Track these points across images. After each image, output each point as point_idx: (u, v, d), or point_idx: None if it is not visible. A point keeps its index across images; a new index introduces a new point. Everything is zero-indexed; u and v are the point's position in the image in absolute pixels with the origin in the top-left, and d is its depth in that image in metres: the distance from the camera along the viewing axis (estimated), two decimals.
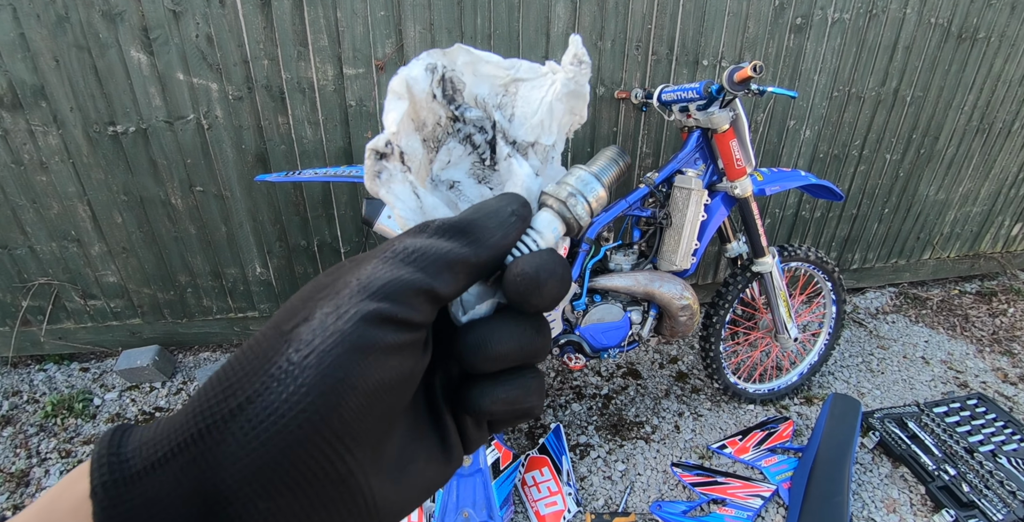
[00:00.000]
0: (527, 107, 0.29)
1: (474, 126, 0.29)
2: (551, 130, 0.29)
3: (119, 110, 1.77)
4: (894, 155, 2.62)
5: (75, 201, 1.89)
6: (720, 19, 2.05)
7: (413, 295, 0.21)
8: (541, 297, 0.24)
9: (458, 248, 0.23)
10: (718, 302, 1.91)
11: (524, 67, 0.29)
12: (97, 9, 1.62)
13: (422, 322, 0.22)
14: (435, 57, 0.28)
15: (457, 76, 0.28)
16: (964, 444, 1.87)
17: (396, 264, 0.22)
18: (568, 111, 0.30)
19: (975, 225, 3.10)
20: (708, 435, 1.99)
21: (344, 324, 0.20)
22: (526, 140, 0.29)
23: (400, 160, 0.27)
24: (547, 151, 0.29)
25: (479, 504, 1.49)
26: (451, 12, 1.80)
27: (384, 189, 0.27)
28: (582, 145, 2.13)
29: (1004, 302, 3.05)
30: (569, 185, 0.26)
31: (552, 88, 0.29)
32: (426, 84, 0.27)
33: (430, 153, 0.29)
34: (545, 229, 0.26)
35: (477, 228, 0.24)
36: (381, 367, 0.20)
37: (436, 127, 0.29)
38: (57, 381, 2.14)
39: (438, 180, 0.29)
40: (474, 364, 0.25)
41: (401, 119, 0.27)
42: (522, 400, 0.26)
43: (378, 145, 0.26)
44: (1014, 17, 2.43)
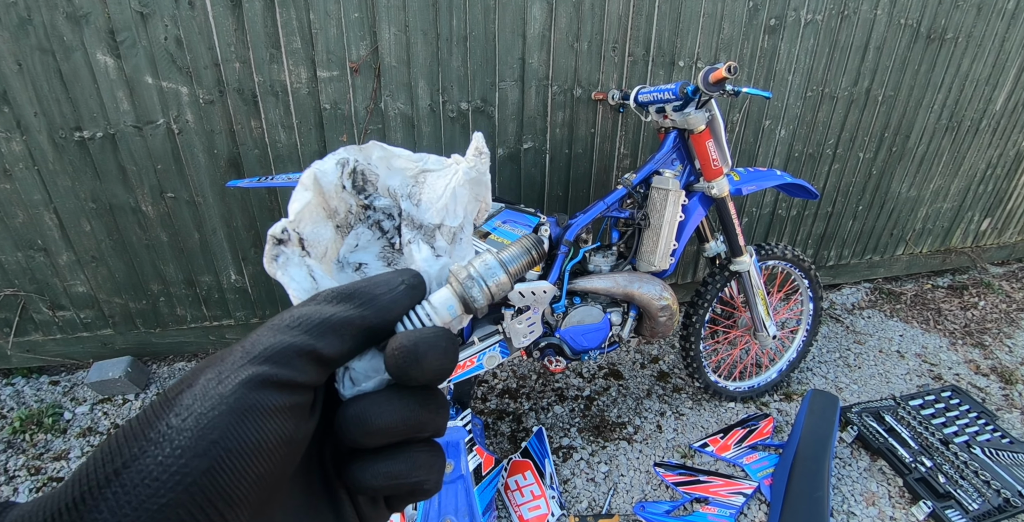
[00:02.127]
0: (433, 193, 0.31)
1: (383, 213, 0.32)
2: (456, 213, 0.31)
3: (86, 115, 1.72)
4: (867, 153, 2.67)
5: (41, 209, 1.83)
6: (695, 20, 2.06)
7: (295, 356, 0.22)
8: (421, 370, 0.24)
9: (343, 311, 0.24)
10: (697, 301, 1.92)
11: (432, 159, 0.32)
12: (61, 11, 1.57)
13: (305, 383, 0.22)
14: (350, 152, 0.31)
15: (370, 169, 0.31)
16: (939, 436, 1.91)
17: (280, 330, 0.23)
18: (472, 197, 0.32)
19: (946, 221, 3.18)
20: (690, 434, 2.00)
21: (223, 388, 0.20)
22: (432, 222, 0.31)
23: (299, 245, 0.29)
24: (453, 232, 0.31)
25: (461, 511, 1.48)
26: (426, 14, 1.79)
27: (280, 271, 0.28)
28: (560, 147, 2.13)
29: (975, 295, 3.12)
30: (473, 268, 0.28)
31: (456, 176, 0.31)
32: (334, 177, 0.31)
33: (342, 238, 0.32)
34: (440, 305, 0.27)
35: (364, 293, 0.25)
36: (260, 429, 0.20)
37: (348, 214, 0.31)
38: (25, 395, 2.08)
39: (345, 261, 0.31)
40: (353, 438, 0.24)
41: (302, 209, 0.29)
42: (406, 475, 0.25)
43: (275, 232, 0.28)
44: (980, 18, 2.49)
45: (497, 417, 2.05)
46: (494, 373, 2.30)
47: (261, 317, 2.21)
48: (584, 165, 2.21)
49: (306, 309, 0.24)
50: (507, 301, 1.60)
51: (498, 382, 2.25)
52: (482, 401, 2.13)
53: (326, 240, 0.30)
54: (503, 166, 2.10)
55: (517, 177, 2.14)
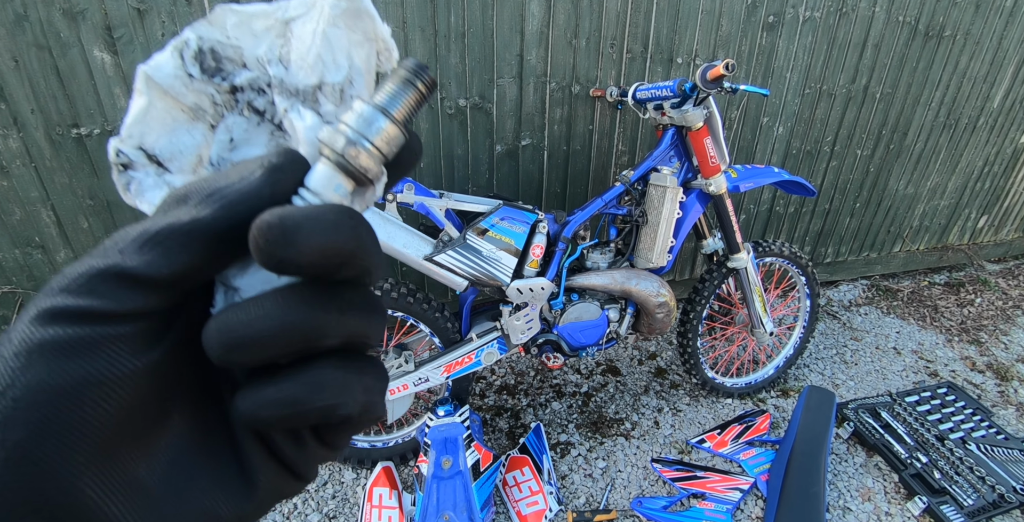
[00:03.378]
0: (302, 46, 0.24)
1: (252, 90, 0.25)
2: (337, 63, 0.24)
3: (83, 112, 1.71)
4: (864, 151, 2.67)
5: (38, 206, 1.83)
6: (694, 17, 2.06)
7: (99, 282, 0.18)
8: (296, 249, 0.18)
9: (171, 217, 0.19)
10: (695, 298, 1.93)
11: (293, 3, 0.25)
12: (58, 7, 1.57)
13: (119, 311, 0.18)
14: (194, 30, 0.24)
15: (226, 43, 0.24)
16: (935, 432, 1.92)
17: (91, 254, 0.19)
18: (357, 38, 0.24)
19: (943, 218, 3.19)
20: (687, 430, 2.01)
21: (11, 332, 0.17)
22: (308, 83, 0.24)
23: (153, 163, 0.24)
24: (339, 89, 0.24)
25: (459, 506, 1.49)
26: (424, 10, 1.78)
27: (138, 199, 0.24)
28: (558, 144, 2.13)
29: (971, 292, 3.13)
30: (346, 127, 0.21)
31: (321, 15, 0.24)
32: (172, 67, 0.24)
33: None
34: (323, 188, 0.21)
35: (202, 190, 0.20)
36: (62, 369, 0.17)
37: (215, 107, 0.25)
38: None
39: (223, 163, 0.25)
40: (219, 356, 0.19)
41: (135, 120, 0.23)
42: (306, 399, 0.19)
43: (111, 157, 0.24)
44: (978, 16, 2.49)
45: (495, 413, 2.05)
46: (492, 369, 2.31)
47: None
48: (582, 162, 2.21)
49: (131, 226, 0.19)
50: (506, 298, 1.61)
51: (496, 378, 2.25)
52: (480, 397, 2.14)
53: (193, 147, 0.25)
54: (501, 162, 2.10)
55: (515, 174, 2.14)
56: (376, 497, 1.62)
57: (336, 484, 1.73)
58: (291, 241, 0.18)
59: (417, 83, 0.23)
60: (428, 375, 1.63)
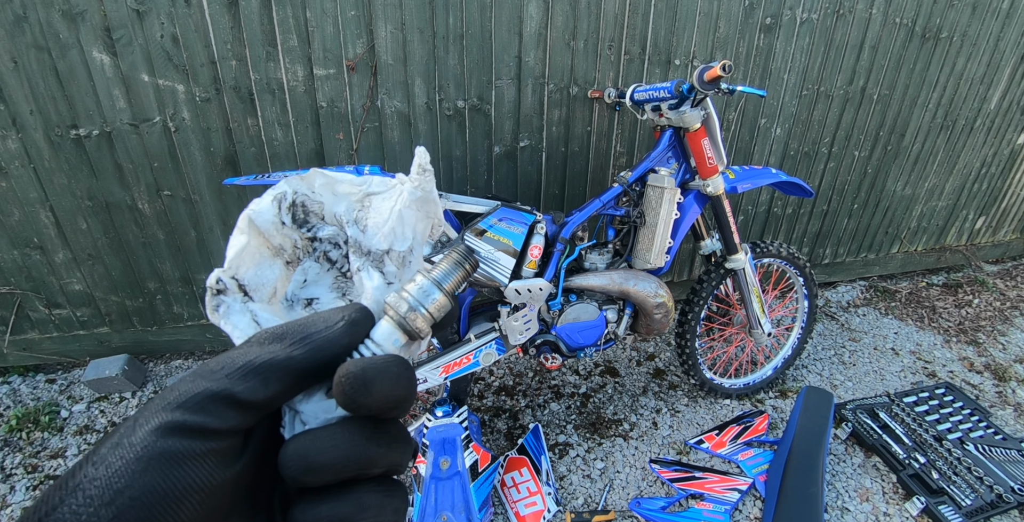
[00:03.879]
0: (379, 217, 0.30)
1: (330, 243, 0.31)
2: (404, 236, 0.30)
3: (82, 113, 1.72)
4: (862, 152, 2.68)
5: (37, 207, 1.83)
6: (691, 19, 2.07)
7: (210, 402, 0.21)
8: (371, 397, 0.23)
9: (269, 352, 0.23)
10: (693, 299, 1.93)
11: (375, 181, 0.31)
12: (57, 9, 1.57)
13: (221, 428, 0.22)
14: (290, 184, 0.30)
15: (312, 198, 0.30)
16: (933, 432, 1.92)
17: (200, 376, 0.22)
18: (421, 216, 0.31)
19: (941, 219, 3.19)
20: (685, 431, 2.01)
21: (134, 437, 0.20)
22: (380, 248, 0.30)
23: (241, 292, 0.29)
24: (402, 257, 0.30)
25: (458, 507, 1.49)
26: (423, 12, 1.79)
27: (223, 321, 0.28)
28: (556, 145, 2.13)
29: (969, 293, 3.14)
30: (408, 295, 0.27)
31: (400, 197, 0.30)
32: (271, 215, 0.29)
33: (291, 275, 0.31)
34: (384, 341, 0.26)
35: (296, 332, 0.24)
36: (168, 476, 0.20)
37: (295, 250, 0.31)
38: (22, 394, 2.08)
39: (295, 299, 0.31)
40: (294, 477, 0.23)
41: (236, 255, 0.28)
42: (352, 517, 0.24)
43: (211, 283, 0.28)
44: (975, 17, 2.50)
45: (494, 414, 2.05)
46: (490, 370, 2.31)
47: None
48: (580, 163, 2.21)
49: (232, 353, 0.23)
50: (504, 298, 1.61)
51: (495, 379, 2.25)
52: (479, 398, 2.14)
53: (272, 281, 0.30)
54: (499, 164, 2.11)
55: (513, 175, 2.14)
56: None
57: None
58: (369, 390, 0.23)
59: (465, 264, 0.29)
60: (426, 376, 1.63)
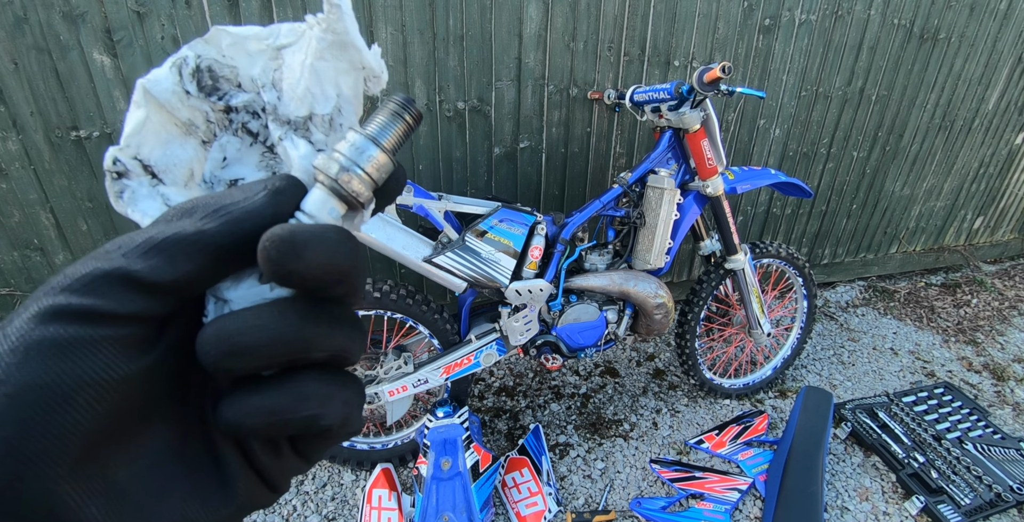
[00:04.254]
0: (292, 76, 0.25)
1: (247, 112, 0.26)
2: (326, 95, 0.25)
3: (82, 114, 1.72)
4: (861, 152, 2.69)
5: (37, 208, 1.83)
6: (690, 20, 2.08)
7: (102, 283, 0.18)
8: (302, 262, 0.19)
9: (175, 228, 0.20)
10: (692, 299, 1.94)
11: (284, 30, 0.25)
12: (57, 10, 1.57)
13: (119, 312, 0.18)
14: (192, 48, 0.25)
15: (222, 62, 0.25)
16: (932, 432, 1.93)
17: (95, 257, 0.19)
18: (343, 67, 0.25)
19: (939, 219, 3.20)
20: (685, 431, 2.02)
21: (10, 327, 0.17)
22: (299, 115, 0.25)
23: (148, 173, 0.25)
24: (328, 119, 0.25)
25: (459, 507, 1.49)
26: (423, 13, 1.79)
27: (130, 208, 0.24)
28: (556, 146, 2.14)
29: (968, 293, 3.15)
30: (340, 155, 0.23)
31: (308, 48, 0.24)
32: (171, 83, 0.25)
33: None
34: (317, 210, 0.22)
35: (209, 205, 0.21)
36: (57, 368, 0.17)
37: (209, 124, 0.26)
38: None
39: (216, 180, 0.26)
40: (213, 362, 0.20)
41: (133, 131, 0.24)
42: (291, 409, 0.20)
43: (108, 165, 0.24)
44: (973, 18, 2.51)
45: (494, 415, 2.06)
46: (491, 371, 2.31)
47: None
48: (580, 164, 2.22)
49: (133, 233, 0.20)
50: (504, 299, 1.62)
51: (495, 380, 2.26)
52: (479, 399, 2.14)
53: (185, 161, 0.25)
54: (499, 165, 2.11)
55: (513, 176, 2.15)
56: (375, 499, 1.62)
57: (335, 486, 1.73)
58: (299, 255, 0.19)
59: (405, 115, 0.25)
60: (427, 376, 1.64)
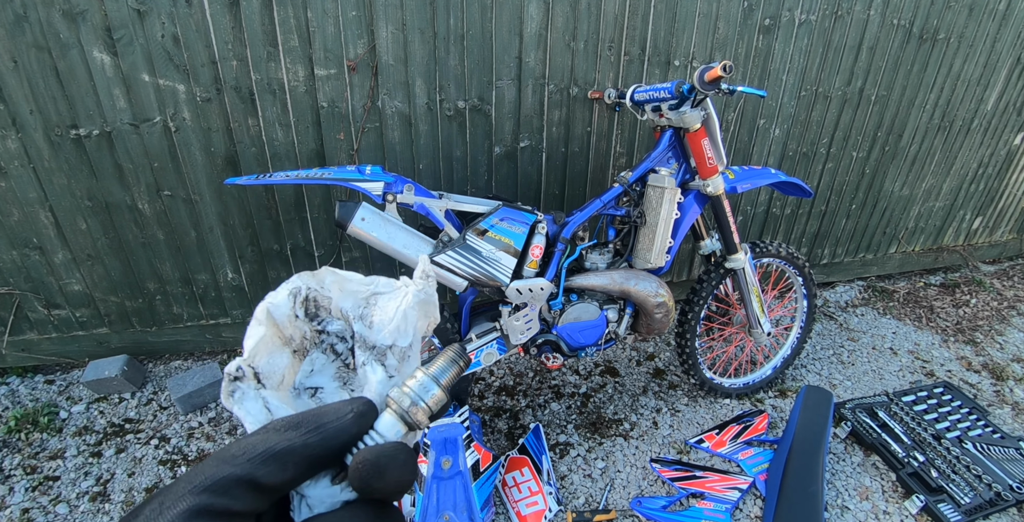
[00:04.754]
0: (384, 315, 0.33)
1: (336, 336, 0.34)
2: (406, 333, 0.33)
3: (82, 113, 1.72)
4: (860, 152, 2.69)
5: (36, 207, 1.83)
6: (691, 20, 2.08)
7: (234, 486, 0.23)
8: (384, 482, 0.25)
9: (287, 439, 0.25)
10: (693, 299, 1.94)
11: (381, 282, 0.34)
12: (57, 8, 1.57)
13: (242, 510, 0.23)
14: (303, 280, 0.33)
15: (322, 294, 0.34)
16: (932, 431, 1.93)
17: (223, 460, 0.24)
18: (422, 315, 0.34)
19: (938, 219, 3.21)
20: (686, 430, 2.02)
21: (163, 518, 0.22)
22: (384, 344, 0.33)
23: (255, 379, 0.31)
24: (404, 352, 0.33)
25: (460, 507, 1.49)
26: (424, 12, 1.79)
27: (237, 406, 0.30)
28: (556, 146, 2.14)
29: (967, 293, 3.15)
30: (410, 391, 0.30)
31: (405, 299, 0.33)
32: (287, 308, 0.32)
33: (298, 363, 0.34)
34: (387, 431, 0.28)
35: (311, 421, 0.26)
36: None
37: (303, 340, 0.34)
38: (21, 394, 2.07)
39: (301, 387, 0.33)
40: None
41: (257, 345, 0.31)
42: None
43: (231, 370, 0.30)
44: (972, 19, 2.52)
45: (495, 414, 2.06)
46: (491, 370, 2.31)
47: None
48: (580, 163, 2.22)
49: (252, 439, 0.25)
50: (505, 298, 1.61)
51: (495, 379, 2.25)
52: (479, 398, 2.14)
53: (282, 368, 0.32)
54: (500, 164, 2.11)
55: (514, 175, 2.15)
56: None
57: None
58: (381, 476, 0.25)
59: (460, 362, 0.32)
60: None
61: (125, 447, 1.86)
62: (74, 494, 1.69)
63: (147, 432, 1.93)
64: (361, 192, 1.44)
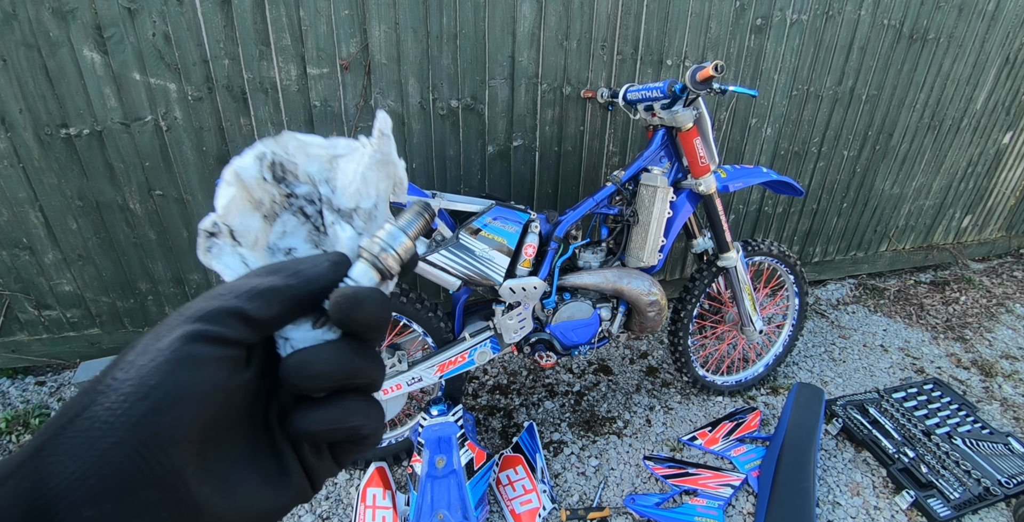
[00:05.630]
0: (346, 178, 0.34)
1: (305, 199, 0.35)
2: (368, 195, 0.34)
3: (72, 112, 1.70)
4: (851, 151, 2.71)
5: (26, 207, 1.81)
6: (683, 20, 2.09)
7: (225, 316, 0.24)
8: (362, 313, 0.27)
9: (268, 281, 0.27)
10: (685, 297, 1.95)
11: (341, 144, 0.35)
12: (47, 6, 1.56)
13: (235, 338, 0.25)
14: (267, 145, 0.33)
15: (288, 159, 0.34)
16: (922, 427, 1.95)
17: (212, 296, 0.25)
18: (383, 177, 0.35)
19: (928, 218, 3.24)
20: (679, 428, 2.03)
21: (161, 343, 0.23)
22: (347, 206, 0.34)
23: (230, 236, 0.32)
24: (368, 213, 0.35)
25: (454, 505, 1.49)
26: (416, 11, 1.79)
27: (215, 260, 0.31)
28: (549, 145, 2.14)
29: (956, 291, 3.18)
30: (380, 240, 0.31)
31: (363, 160, 0.34)
32: (255, 170, 0.33)
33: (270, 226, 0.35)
34: (361, 277, 0.30)
35: (289, 268, 0.28)
36: (194, 376, 0.22)
37: (272, 204, 0.34)
38: (11, 396, 2.06)
39: (276, 248, 0.34)
40: (294, 383, 0.27)
41: (228, 203, 0.32)
42: (342, 420, 0.28)
43: (206, 225, 0.31)
44: (961, 19, 2.54)
45: (488, 413, 2.06)
46: (485, 369, 2.31)
47: None
48: (573, 162, 2.22)
49: (236, 282, 0.27)
50: (498, 297, 1.62)
51: (489, 378, 2.26)
52: (473, 397, 2.14)
53: (255, 230, 0.33)
54: (493, 163, 2.11)
55: (507, 174, 2.15)
56: (370, 497, 1.62)
57: (330, 485, 1.73)
58: (359, 307, 0.27)
59: (425, 215, 0.34)
60: (421, 375, 1.64)
61: None
62: None
63: None
64: None
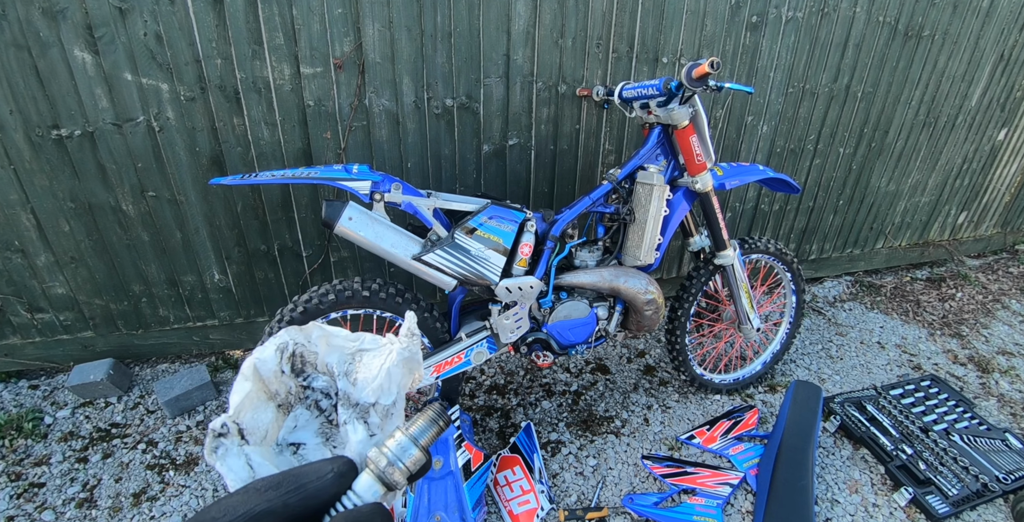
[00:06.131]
0: (368, 372, 0.34)
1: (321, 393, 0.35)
2: (390, 391, 0.34)
3: (63, 112, 1.69)
4: (847, 149, 2.71)
5: (18, 209, 1.80)
6: (678, 17, 2.08)
7: None
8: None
9: (267, 500, 0.26)
10: (682, 295, 1.94)
11: (367, 339, 0.35)
12: (37, 6, 1.54)
13: None
14: (291, 335, 0.33)
15: (308, 349, 0.34)
16: (919, 424, 1.95)
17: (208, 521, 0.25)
18: (406, 373, 0.35)
19: (924, 214, 3.24)
20: (677, 426, 2.03)
21: None
22: (367, 401, 0.34)
23: (239, 435, 0.31)
24: (387, 410, 0.34)
25: (451, 507, 1.48)
26: (411, 10, 1.78)
27: (219, 463, 0.31)
28: (545, 143, 2.14)
29: (952, 287, 3.19)
30: (388, 451, 0.30)
31: (389, 356, 0.34)
32: (274, 364, 0.33)
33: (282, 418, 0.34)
34: (365, 492, 0.29)
35: (291, 482, 0.27)
36: None
37: (288, 395, 0.34)
38: (4, 400, 2.04)
39: (284, 443, 0.34)
40: None
41: (243, 401, 0.32)
42: None
43: (215, 427, 0.31)
44: (956, 16, 2.54)
45: (485, 413, 2.05)
46: (482, 369, 2.30)
47: (245, 317, 2.19)
48: (569, 161, 2.22)
49: (233, 499, 0.26)
50: (495, 297, 1.61)
51: (486, 378, 2.25)
52: (470, 397, 2.13)
53: (266, 423, 0.33)
54: (488, 162, 2.10)
55: (503, 173, 2.14)
56: None
57: None
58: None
59: (440, 422, 0.32)
60: None
61: (112, 452, 1.84)
62: (60, 500, 1.66)
63: (134, 436, 1.90)
64: (348, 191, 1.43)
